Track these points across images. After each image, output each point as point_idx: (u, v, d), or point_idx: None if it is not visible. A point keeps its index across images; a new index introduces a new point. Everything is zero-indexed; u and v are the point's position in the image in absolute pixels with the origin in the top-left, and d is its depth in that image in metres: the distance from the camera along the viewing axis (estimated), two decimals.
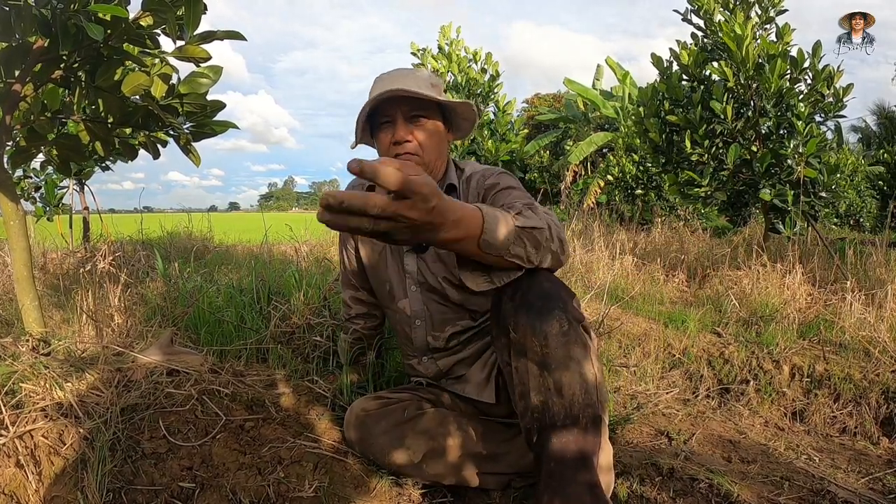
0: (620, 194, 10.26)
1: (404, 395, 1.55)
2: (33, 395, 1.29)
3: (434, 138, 1.46)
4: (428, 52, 7.89)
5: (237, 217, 23.76)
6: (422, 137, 1.43)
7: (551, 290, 1.14)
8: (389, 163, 0.79)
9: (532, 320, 1.12)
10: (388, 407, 1.49)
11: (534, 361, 1.13)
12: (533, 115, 20.29)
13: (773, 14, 4.43)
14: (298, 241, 4.24)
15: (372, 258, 1.62)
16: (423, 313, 1.54)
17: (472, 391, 1.53)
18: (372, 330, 1.78)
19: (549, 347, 1.11)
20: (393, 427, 1.44)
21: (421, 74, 1.46)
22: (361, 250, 1.65)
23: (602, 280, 3.85)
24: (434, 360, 1.57)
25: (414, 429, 1.43)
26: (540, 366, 1.12)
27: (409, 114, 1.43)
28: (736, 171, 4.49)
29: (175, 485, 1.21)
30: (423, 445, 1.41)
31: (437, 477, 1.42)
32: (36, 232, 4.80)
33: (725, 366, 2.53)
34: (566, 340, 1.11)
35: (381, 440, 1.43)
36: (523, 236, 1.06)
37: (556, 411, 1.10)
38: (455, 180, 1.51)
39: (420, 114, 1.43)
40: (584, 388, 1.11)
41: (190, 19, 1.52)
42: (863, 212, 13.83)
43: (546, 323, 1.11)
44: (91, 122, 1.77)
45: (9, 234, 1.64)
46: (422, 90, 1.40)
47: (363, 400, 1.52)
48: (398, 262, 1.56)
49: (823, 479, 1.59)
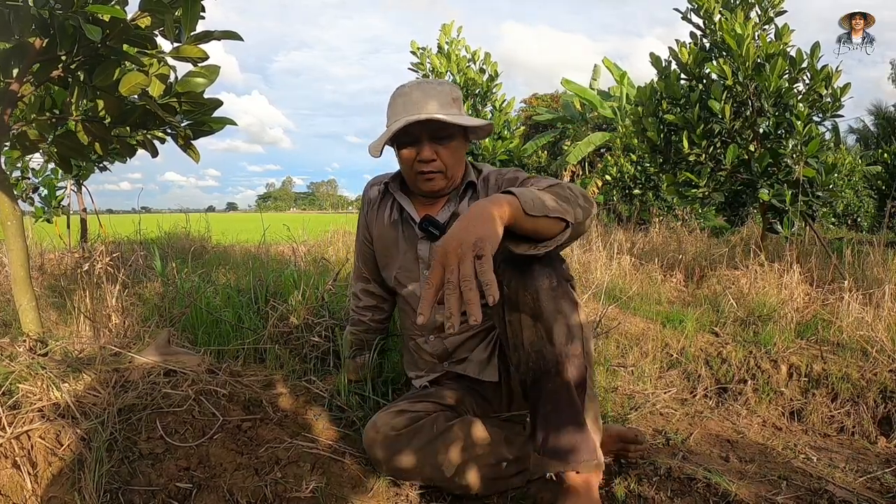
0: (618, 194, 10.27)
1: (426, 405, 1.49)
2: (30, 395, 1.29)
3: (456, 154, 1.51)
4: (428, 52, 7.89)
5: (235, 217, 23.75)
6: (445, 156, 1.48)
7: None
8: (429, 295, 0.96)
9: (524, 277, 1.23)
10: (417, 423, 1.43)
11: (526, 314, 1.24)
12: (531, 115, 20.30)
13: (773, 14, 4.44)
14: (296, 241, 4.24)
15: (386, 244, 1.65)
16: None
17: (474, 369, 1.54)
18: (379, 323, 1.81)
19: (539, 301, 1.22)
20: (425, 444, 1.39)
21: (443, 91, 1.48)
22: (376, 238, 1.68)
23: (600, 280, 3.85)
24: (441, 339, 1.58)
25: (445, 443, 1.39)
26: (533, 317, 1.23)
27: (435, 135, 1.47)
28: (734, 171, 4.50)
29: (172, 485, 1.21)
30: (456, 458, 1.38)
31: (465, 489, 1.39)
32: (34, 232, 4.79)
33: (723, 365, 2.54)
34: (555, 295, 1.23)
35: (412, 459, 1.39)
36: (551, 193, 1.17)
37: (548, 359, 1.23)
38: (474, 178, 1.57)
39: (445, 134, 1.47)
40: (571, 338, 1.23)
41: (187, 20, 1.51)
42: (860, 211, 13.86)
43: (536, 279, 1.23)
44: (89, 122, 1.76)
45: (6, 234, 1.64)
46: (449, 112, 1.45)
47: (387, 416, 1.45)
48: (412, 248, 1.59)
49: (821, 478, 1.59)
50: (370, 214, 1.70)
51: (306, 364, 1.96)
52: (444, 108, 1.45)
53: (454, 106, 1.48)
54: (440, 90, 1.47)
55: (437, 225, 1.49)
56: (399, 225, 1.62)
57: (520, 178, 1.51)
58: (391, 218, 1.64)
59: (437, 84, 1.49)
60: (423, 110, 1.43)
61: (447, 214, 1.56)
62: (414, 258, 1.59)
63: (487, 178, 1.58)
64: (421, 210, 1.59)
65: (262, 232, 3.92)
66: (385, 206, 1.66)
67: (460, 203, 1.56)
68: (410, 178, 1.54)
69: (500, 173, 1.58)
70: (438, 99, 1.45)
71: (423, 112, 1.43)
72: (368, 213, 1.71)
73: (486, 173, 1.60)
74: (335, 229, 6.74)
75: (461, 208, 1.55)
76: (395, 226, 1.63)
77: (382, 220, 1.65)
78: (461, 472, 1.38)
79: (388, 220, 1.64)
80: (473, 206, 1.06)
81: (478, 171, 1.62)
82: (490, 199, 1.07)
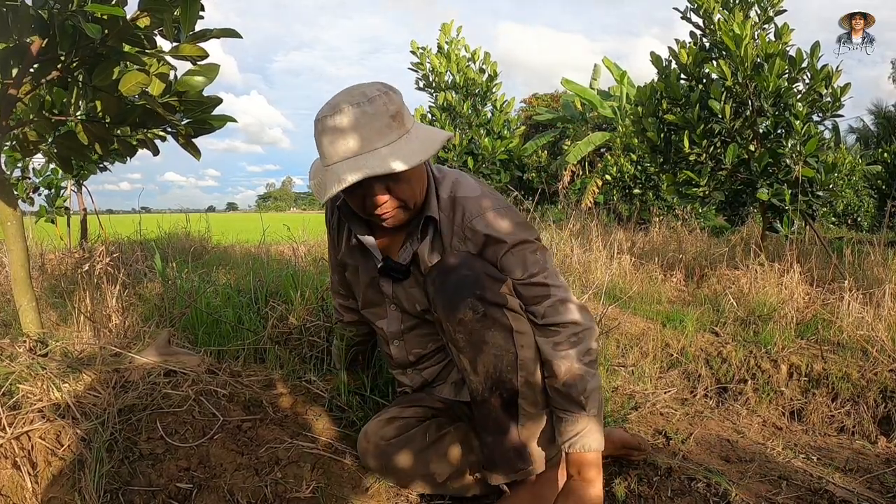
0: (618, 194, 10.26)
1: (416, 410, 1.47)
2: (30, 395, 1.29)
3: (414, 182, 1.26)
4: (427, 52, 7.90)
5: (235, 217, 23.75)
6: (402, 191, 1.23)
7: (468, 277, 1.24)
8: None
9: (446, 309, 1.25)
10: (409, 433, 1.42)
11: (452, 343, 1.28)
12: (531, 115, 20.30)
13: (772, 14, 4.44)
14: (296, 241, 4.23)
15: (352, 272, 1.52)
16: (399, 333, 1.47)
17: (449, 392, 1.49)
18: (365, 336, 1.74)
19: (462, 332, 1.24)
20: (416, 454, 1.39)
21: (378, 111, 1.16)
22: (344, 263, 1.53)
23: (600, 280, 3.85)
24: (419, 372, 1.51)
25: (438, 452, 1.39)
26: (457, 347, 1.27)
27: (386, 176, 1.19)
28: (734, 171, 4.50)
29: (172, 485, 1.21)
30: (448, 468, 1.38)
31: (461, 491, 1.41)
32: (34, 233, 4.79)
33: (723, 365, 2.53)
34: (480, 326, 1.23)
35: (405, 468, 1.39)
36: (591, 368, 1.28)
37: (473, 387, 1.29)
38: (434, 210, 1.32)
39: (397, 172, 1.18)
40: (499, 367, 1.25)
41: (186, 19, 1.51)
42: (860, 211, 13.86)
43: (459, 311, 1.23)
44: (89, 122, 1.76)
45: (6, 235, 1.64)
46: (393, 146, 1.16)
47: (378, 424, 1.44)
48: (374, 282, 1.45)
49: (821, 478, 1.59)
50: (333, 233, 1.54)
51: (306, 364, 1.96)
52: (384, 137, 1.16)
53: (395, 125, 1.17)
54: (372, 112, 1.15)
55: (399, 269, 1.38)
56: (357, 253, 1.46)
57: (507, 246, 1.27)
58: (349, 242, 1.46)
59: (367, 102, 1.16)
60: (359, 149, 1.15)
61: (408, 255, 1.36)
62: (378, 294, 1.46)
63: (453, 205, 1.32)
64: (381, 239, 1.41)
65: (262, 232, 3.91)
66: (344, 228, 1.47)
67: (421, 243, 1.34)
68: (364, 216, 1.31)
69: (469, 212, 1.30)
70: (375, 126, 1.15)
71: (361, 153, 1.15)
72: (331, 231, 1.55)
73: (447, 194, 1.33)
74: None
75: (421, 249, 1.34)
76: (352, 253, 1.47)
77: (342, 244, 1.50)
78: (454, 479, 1.39)
79: (346, 245, 1.48)
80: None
81: (437, 182, 1.35)
82: (583, 492, 1.24)
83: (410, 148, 1.18)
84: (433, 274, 1.29)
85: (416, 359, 1.49)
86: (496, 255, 1.29)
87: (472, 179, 1.39)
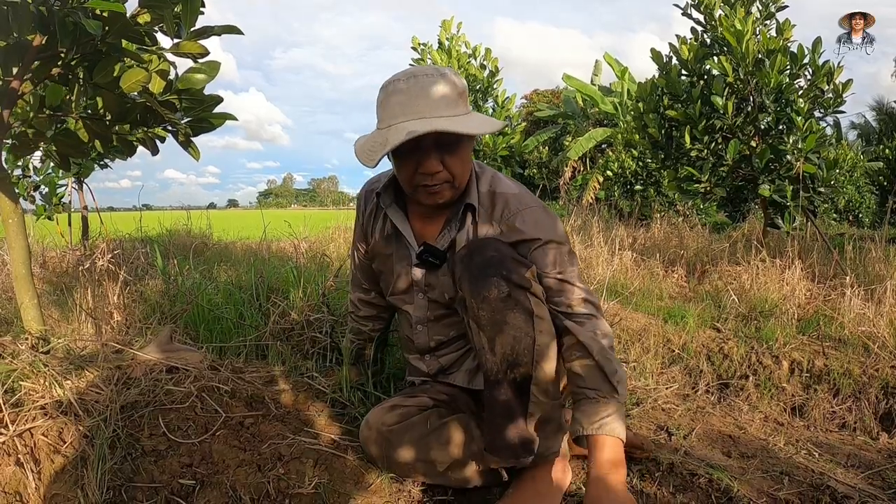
0: (619, 190, 10.25)
1: (420, 399, 1.49)
2: (33, 393, 1.29)
3: (465, 161, 1.33)
4: (428, 48, 7.89)
5: (236, 214, 23.75)
6: (453, 164, 1.29)
7: (494, 257, 1.25)
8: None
9: (472, 284, 1.24)
10: (410, 420, 1.42)
11: (474, 320, 1.26)
12: (532, 112, 20.26)
13: (774, 10, 4.43)
14: (297, 237, 4.23)
15: (383, 261, 1.56)
16: (425, 319, 1.51)
17: (463, 379, 1.53)
18: (379, 332, 1.77)
19: (485, 310, 1.23)
20: (417, 440, 1.39)
21: (447, 85, 1.25)
22: (374, 252, 1.58)
23: (601, 275, 3.85)
24: (437, 358, 1.55)
25: (439, 440, 1.39)
26: (478, 324, 1.26)
27: (441, 141, 1.26)
28: (735, 167, 4.49)
29: (175, 482, 1.22)
30: (449, 456, 1.38)
31: (462, 482, 1.40)
32: (35, 230, 4.79)
33: (725, 361, 2.54)
34: (503, 306, 1.22)
35: (405, 455, 1.39)
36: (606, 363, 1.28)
37: (488, 367, 1.26)
38: (475, 199, 1.39)
39: (453, 140, 1.27)
40: (516, 349, 1.24)
41: (187, 16, 1.51)
42: (862, 207, 13.85)
43: (484, 288, 1.22)
44: (89, 120, 1.76)
45: (7, 232, 1.64)
46: (457, 113, 1.25)
47: (380, 412, 1.45)
48: (407, 270, 1.49)
49: (823, 474, 1.59)
50: (366, 224, 1.58)
51: (308, 360, 1.96)
52: (451, 109, 1.24)
53: (461, 102, 1.27)
54: (444, 85, 1.25)
55: (437, 254, 1.41)
56: (392, 241, 1.51)
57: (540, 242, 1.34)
58: (384, 232, 1.52)
59: (438, 75, 1.26)
60: (426, 113, 1.23)
61: (446, 241, 1.42)
62: (408, 282, 1.50)
63: (494, 202, 1.39)
64: (417, 225, 1.47)
65: (263, 228, 3.91)
66: (379, 217, 1.53)
67: (460, 230, 1.40)
68: (410, 189, 1.36)
69: (508, 208, 1.37)
70: (445, 103, 1.24)
71: (426, 117, 1.22)
72: (364, 221, 1.59)
73: (486, 188, 1.41)
74: (336, 225, 6.74)
75: (460, 237, 1.40)
76: (388, 241, 1.51)
77: (376, 232, 1.54)
78: (455, 468, 1.38)
79: (381, 234, 1.53)
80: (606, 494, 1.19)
81: (476, 175, 1.42)
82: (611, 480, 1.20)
83: (476, 121, 1.29)
84: (461, 253, 1.31)
85: (437, 345, 1.53)
86: (528, 250, 1.34)
87: (509, 178, 1.46)
